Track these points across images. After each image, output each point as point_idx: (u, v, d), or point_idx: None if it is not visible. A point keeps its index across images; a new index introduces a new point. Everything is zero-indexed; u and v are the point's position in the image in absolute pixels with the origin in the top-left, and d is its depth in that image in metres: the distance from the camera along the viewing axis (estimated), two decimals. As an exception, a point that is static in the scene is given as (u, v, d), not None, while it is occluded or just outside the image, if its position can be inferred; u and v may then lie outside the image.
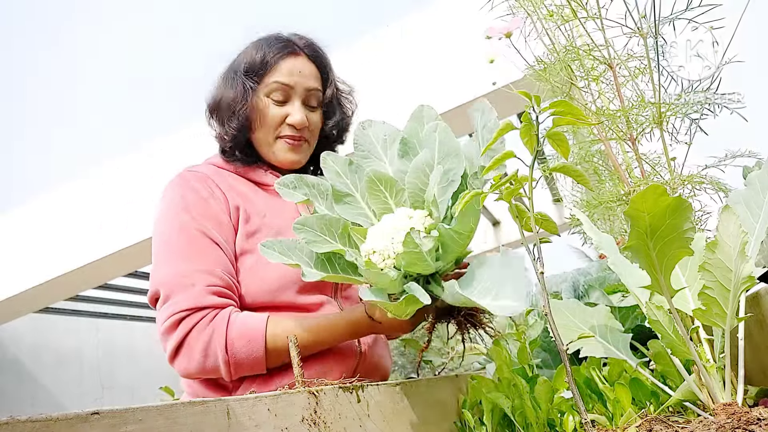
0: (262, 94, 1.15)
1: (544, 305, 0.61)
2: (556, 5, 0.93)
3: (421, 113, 0.95)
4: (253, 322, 0.98)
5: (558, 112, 0.61)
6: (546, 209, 0.72)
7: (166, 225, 1.07)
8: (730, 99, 0.84)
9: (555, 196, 4.52)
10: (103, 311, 6.78)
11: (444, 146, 0.88)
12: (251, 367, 0.98)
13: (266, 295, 1.05)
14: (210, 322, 0.97)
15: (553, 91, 0.98)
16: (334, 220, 0.91)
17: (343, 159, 0.97)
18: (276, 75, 1.15)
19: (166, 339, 0.99)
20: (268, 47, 1.16)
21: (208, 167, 1.18)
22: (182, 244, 1.03)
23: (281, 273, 1.06)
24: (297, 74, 1.16)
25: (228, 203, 1.10)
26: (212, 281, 1.00)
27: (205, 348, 0.96)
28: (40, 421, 0.38)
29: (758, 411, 0.57)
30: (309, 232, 0.89)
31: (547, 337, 1.36)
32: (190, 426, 0.50)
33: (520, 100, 0.64)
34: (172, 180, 1.14)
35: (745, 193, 0.71)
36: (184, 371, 0.99)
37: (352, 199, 0.96)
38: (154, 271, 1.04)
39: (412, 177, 0.90)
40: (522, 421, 0.82)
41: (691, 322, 0.71)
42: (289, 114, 1.15)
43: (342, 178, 0.96)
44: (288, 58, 1.16)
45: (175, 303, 0.98)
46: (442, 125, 0.90)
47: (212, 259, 1.03)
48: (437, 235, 0.83)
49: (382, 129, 0.99)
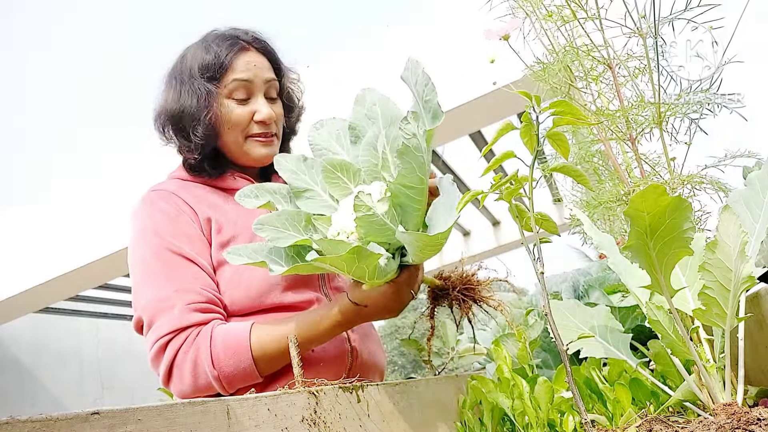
0: (223, 97, 1.10)
1: (544, 305, 0.61)
2: (556, 5, 0.93)
3: (363, 97, 0.95)
4: (236, 333, 0.97)
5: (558, 112, 0.61)
6: (546, 209, 0.72)
7: (138, 251, 1.06)
8: (730, 99, 0.84)
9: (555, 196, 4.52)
10: (103, 311, 6.78)
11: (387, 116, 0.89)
12: (243, 379, 0.97)
13: (252, 300, 1.04)
14: (194, 341, 0.96)
15: (552, 92, 0.97)
16: (295, 214, 0.91)
17: (296, 157, 0.97)
18: (233, 73, 1.10)
19: (156, 365, 0.99)
20: (217, 47, 1.10)
21: (172, 182, 1.15)
22: (157, 268, 1.02)
23: (263, 276, 1.05)
24: (253, 68, 1.11)
25: (198, 217, 1.08)
26: (192, 299, 0.99)
27: (193, 367, 0.95)
28: (40, 421, 0.38)
29: (758, 411, 0.57)
30: (271, 230, 0.89)
31: (547, 337, 1.36)
32: (189, 426, 0.50)
33: (520, 100, 0.64)
34: (138, 204, 1.11)
35: (745, 193, 0.71)
36: (179, 393, 0.98)
37: (312, 193, 0.96)
38: (134, 298, 1.04)
39: (365, 154, 0.91)
40: (522, 421, 0.82)
41: (691, 322, 0.71)
42: (255, 111, 1.11)
43: (298, 174, 0.96)
44: (240, 54, 1.11)
45: (158, 328, 0.97)
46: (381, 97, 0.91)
47: (189, 276, 1.01)
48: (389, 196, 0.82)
49: (334, 125, 0.99)
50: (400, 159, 0.79)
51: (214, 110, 1.09)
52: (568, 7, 0.90)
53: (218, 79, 1.10)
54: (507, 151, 0.65)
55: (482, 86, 2.86)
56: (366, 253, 0.78)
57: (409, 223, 0.86)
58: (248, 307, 1.04)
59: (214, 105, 1.09)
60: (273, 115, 1.13)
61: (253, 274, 1.05)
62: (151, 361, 1.00)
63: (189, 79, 1.10)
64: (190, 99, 1.09)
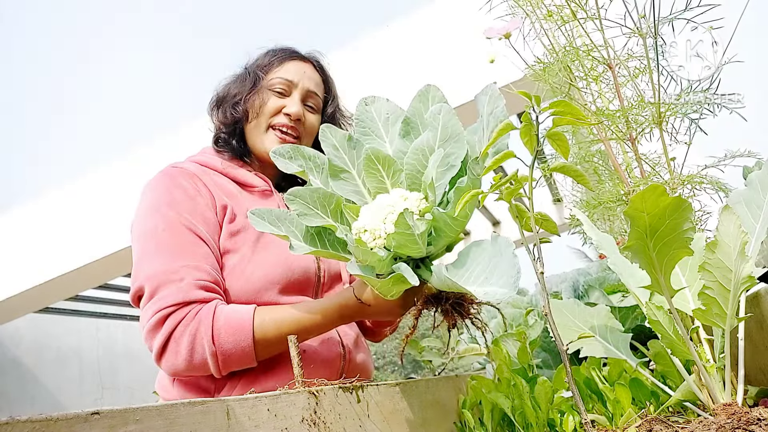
0: (265, 87, 1.20)
1: (544, 305, 0.61)
2: (556, 5, 0.93)
3: (427, 93, 0.92)
4: (240, 312, 0.97)
5: (558, 112, 0.61)
6: (546, 209, 0.72)
7: (150, 221, 1.05)
8: (730, 99, 0.84)
9: (555, 196, 4.52)
10: (103, 311, 6.78)
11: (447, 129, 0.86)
12: (240, 360, 0.96)
13: (249, 294, 1.04)
14: (195, 316, 0.95)
15: (553, 91, 0.97)
16: (327, 195, 0.89)
17: (343, 133, 0.95)
18: (281, 72, 1.21)
19: (152, 336, 0.96)
20: (282, 51, 1.24)
21: (193, 165, 1.17)
22: (169, 240, 1.01)
23: (264, 272, 1.06)
24: (301, 74, 1.22)
25: (215, 201, 1.09)
26: (200, 276, 0.99)
27: (192, 341, 0.94)
28: (40, 421, 0.38)
29: (758, 411, 0.57)
30: (301, 204, 0.87)
31: (547, 337, 1.36)
32: (189, 426, 0.50)
33: (520, 100, 0.64)
34: (156, 176, 1.12)
35: (745, 193, 0.71)
36: (171, 368, 0.96)
37: (348, 176, 0.94)
38: (137, 267, 1.02)
39: (412, 158, 0.89)
40: (522, 421, 0.82)
41: (691, 322, 0.71)
42: (286, 105, 1.19)
43: (339, 152, 0.94)
44: (295, 61, 1.23)
45: (161, 298, 0.96)
46: (447, 107, 0.87)
47: (199, 254, 1.02)
48: (431, 219, 0.82)
49: (385, 106, 0.96)
50: (457, 195, 0.79)
51: (254, 93, 1.19)
52: (568, 7, 0.90)
53: (266, 73, 1.22)
54: (507, 151, 0.66)
55: (482, 86, 2.86)
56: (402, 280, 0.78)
57: (437, 245, 0.85)
58: (244, 300, 1.04)
59: (256, 89, 1.19)
60: (301, 113, 1.19)
61: (255, 269, 1.05)
62: (147, 332, 0.97)
63: (245, 70, 1.25)
64: (239, 83, 1.22)
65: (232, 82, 1.25)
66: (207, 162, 1.19)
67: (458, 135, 0.86)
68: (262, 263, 1.06)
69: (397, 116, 0.95)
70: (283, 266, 1.08)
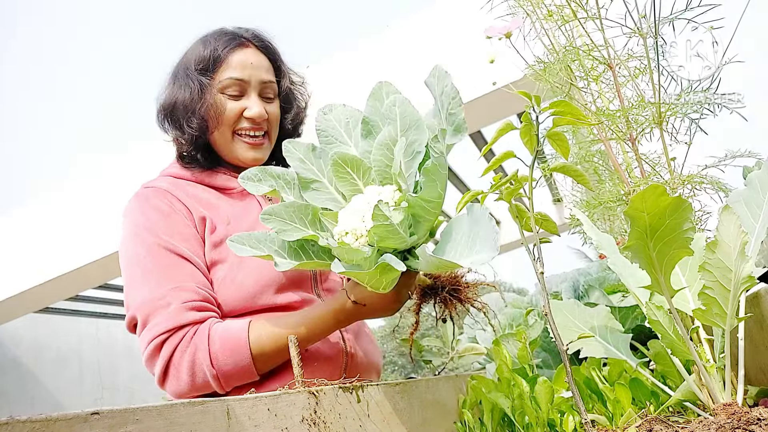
0: (216, 91, 1.10)
1: (544, 305, 0.61)
2: (556, 5, 0.93)
3: (380, 91, 0.93)
4: (235, 331, 0.96)
5: (558, 112, 0.61)
6: (546, 209, 0.73)
7: (131, 248, 1.04)
8: (730, 99, 0.84)
9: (555, 196, 4.52)
10: (103, 311, 6.77)
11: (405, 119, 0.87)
12: (240, 377, 0.96)
13: (244, 301, 1.03)
14: (191, 340, 0.95)
15: (553, 91, 0.97)
16: (302, 207, 0.89)
17: (306, 145, 0.95)
18: (229, 70, 1.11)
19: (152, 364, 0.97)
20: (215, 41, 1.12)
21: (164, 180, 1.14)
22: (151, 266, 1.00)
23: (256, 277, 1.04)
24: (249, 67, 1.12)
25: (192, 215, 1.07)
26: (188, 297, 0.98)
27: (191, 366, 0.94)
28: (39, 421, 0.38)
29: (758, 411, 0.57)
30: (278, 222, 0.87)
31: (547, 337, 1.36)
32: (189, 426, 0.50)
33: (520, 100, 0.64)
34: (131, 200, 1.10)
35: (745, 193, 0.71)
36: (175, 392, 0.96)
37: (319, 185, 0.94)
38: (127, 296, 1.02)
39: (377, 154, 0.89)
40: (522, 421, 0.82)
41: (691, 322, 0.71)
42: (246, 108, 1.11)
43: (306, 164, 0.94)
44: (238, 51, 1.12)
45: (154, 326, 0.96)
46: (401, 98, 0.88)
47: (184, 275, 1.00)
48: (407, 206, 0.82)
49: (343, 112, 0.96)
50: (425, 176, 0.80)
51: (207, 102, 1.10)
52: (569, 7, 0.90)
53: (212, 73, 1.11)
54: (507, 151, 0.65)
55: (482, 86, 2.85)
56: (389, 270, 0.78)
57: (419, 232, 0.85)
58: (241, 308, 1.03)
59: (207, 97, 1.10)
60: (264, 114, 1.13)
61: (247, 275, 1.04)
62: (146, 361, 0.98)
63: (184, 73, 1.12)
64: (184, 91, 1.11)
65: (175, 90, 1.13)
66: (179, 174, 1.16)
67: (417, 122, 0.87)
68: (252, 268, 1.05)
69: (357, 119, 0.95)
70: (273, 267, 1.07)
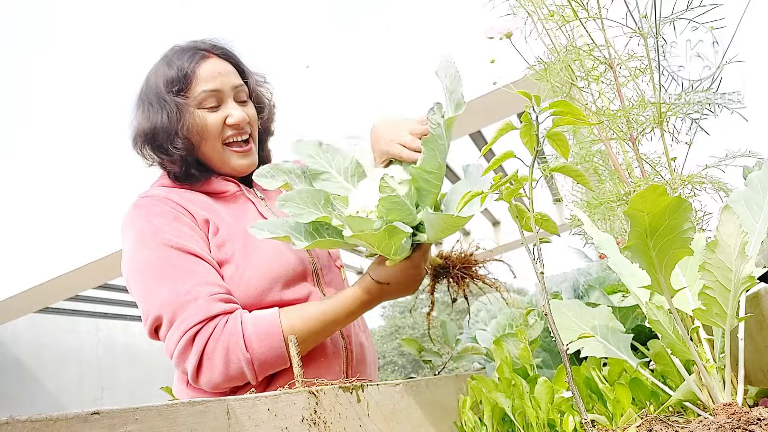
0: (193, 107, 1.11)
1: (544, 305, 0.61)
2: (557, 5, 0.93)
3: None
4: (266, 318, 0.98)
5: (558, 112, 0.61)
6: (546, 209, 0.73)
7: (140, 255, 1.03)
8: (730, 99, 0.84)
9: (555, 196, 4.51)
10: (103, 311, 6.78)
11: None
12: (274, 363, 0.97)
13: (252, 299, 1.04)
14: (224, 328, 0.96)
15: (553, 91, 0.97)
16: (314, 192, 0.95)
17: (313, 142, 1.04)
18: (201, 84, 1.11)
19: (184, 359, 0.96)
20: (178, 60, 1.12)
21: (161, 189, 1.14)
22: (167, 268, 1.00)
23: (262, 275, 1.06)
24: (219, 75, 1.12)
25: (195, 218, 1.08)
26: (213, 290, 0.99)
27: (225, 354, 0.94)
28: (40, 421, 0.38)
29: (758, 411, 0.57)
30: (294, 206, 0.92)
31: (547, 337, 1.36)
32: (189, 426, 0.50)
33: (520, 100, 0.64)
34: (129, 211, 1.09)
35: (745, 193, 0.71)
36: (209, 383, 0.96)
37: (328, 176, 1.02)
38: (145, 301, 1.00)
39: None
40: (522, 421, 0.82)
41: (691, 322, 0.71)
42: (227, 115, 1.12)
43: (315, 158, 1.03)
44: (203, 63, 1.12)
45: (183, 320, 0.96)
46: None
47: (203, 271, 1.01)
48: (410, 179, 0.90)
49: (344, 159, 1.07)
50: (425, 146, 0.87)
51: (188, 121, 1.10)
52: (570, 7, 0.90)
53: (186, 91, 1.11)
54: (507, 151, 0.65)
55: (482, 86, 2.85)
56: (396, 231, 0.85)
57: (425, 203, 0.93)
58: (250, 305, 1.04)
59: (187, 116, 1.10)
60: (245, 117, 1.14)
61: (253, 273, 1.05)
62: (178, 356, 0.96)
63: (157, 97, 1.11)
64: (161, 116, 1.10)
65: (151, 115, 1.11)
66: (173, 183, 1.16)
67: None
68: (258, 266, 1.06)
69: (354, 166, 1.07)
70: (279, 263, 1.08)
